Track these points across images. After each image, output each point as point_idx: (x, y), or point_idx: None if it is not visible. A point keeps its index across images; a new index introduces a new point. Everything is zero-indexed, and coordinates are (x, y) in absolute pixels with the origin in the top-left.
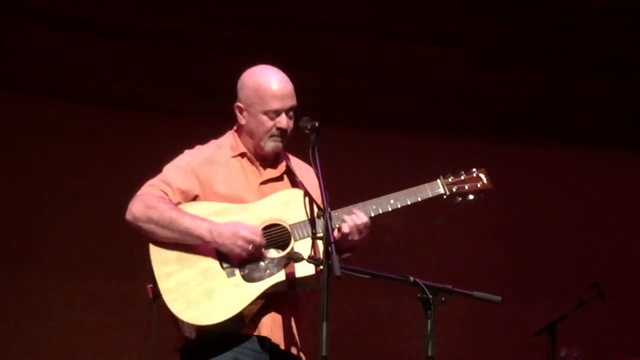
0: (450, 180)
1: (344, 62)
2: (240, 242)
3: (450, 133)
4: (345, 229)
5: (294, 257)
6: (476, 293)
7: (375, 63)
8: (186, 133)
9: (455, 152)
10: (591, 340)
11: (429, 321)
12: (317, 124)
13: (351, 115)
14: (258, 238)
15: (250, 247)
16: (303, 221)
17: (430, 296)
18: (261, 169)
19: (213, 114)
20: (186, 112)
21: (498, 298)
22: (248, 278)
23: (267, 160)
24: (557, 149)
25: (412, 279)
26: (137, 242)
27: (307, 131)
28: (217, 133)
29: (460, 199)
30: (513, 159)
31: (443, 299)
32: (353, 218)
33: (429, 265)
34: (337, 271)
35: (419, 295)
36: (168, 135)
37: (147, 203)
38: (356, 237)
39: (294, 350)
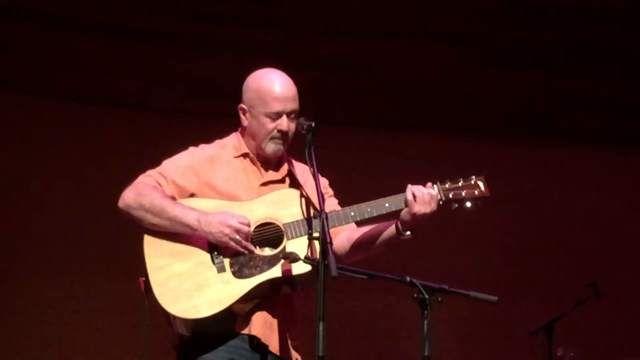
0: (447, 185)
1: (344, 63)
2: (227, 231)
3: (450, 133)
4: (411, 197)
5: (290, 257)
6: (473, 293)
7: (375, 63)
8: (184, 133)
9: (455, 153)
10: (588, 340)
11: (426, 321)
12: (313, 124)
13: (350, 115)
14: (245, 227)
15: (236, 236)
16: (297, 221)
17: (427, 296)
18: (263, 170)
19: (211, 114)
20: (185, 112)
21: (495, 298)
22: (238, 274)
23: (269, 163)
24: (556, 148)
25: (408, 279)
26: (135, 241)
27: (303, 131)
28: (216, 133)
29: (456, 205)
30: (512, 159)
31: (439, 299)
32: (420, 188)
33: (426, 265)
34: (334, 271)
35: (415, 295)
36: (167, 135)
37: (140, 190)
38: (423, 208)
39: (284, 351)
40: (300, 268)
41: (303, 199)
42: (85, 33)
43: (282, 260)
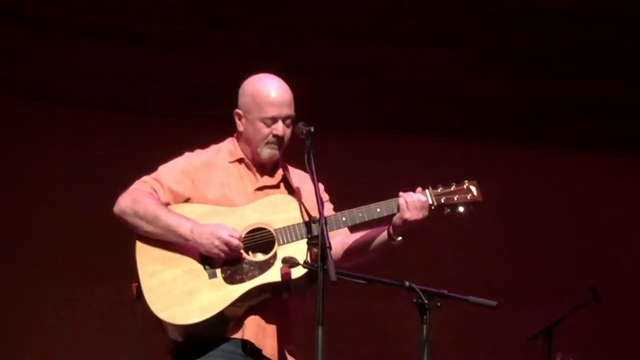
0: (439, 190)
1: (344, 66)
2: (217, 242)
3: (450, 136)
4: (402, 203)
5: (290, 262)
6: (472, 298)
7: (374, 66)
8: (184, 137)
9: (455, 155)
10: (587, 345)
11: (425, 326)
12: (312, 129)
13: (350, 119)
14: (235, 240)
15: (226, 248)
16: (288, 226)
17: (426, 301)
18: (258, 175)
19: (211, 117)
20: (184, 116)
21: (494, 303)
22: (229, 280)
23: (265, 169)
24: (556, 150)
25: (407, 283)
26: (130, 246)
27: (302, 136)
28: (215, 137)
29: (448, 210)
30: (512, 161)
31: (438, 303)
32: (410, 194)
33: (425, 270)
34: (333, 276)
35: (414, 300)
36: (165, 139)
37: (135, 197)
38: (414, 214)
39: (279, 356)
40: (293, 273)
41: (297, 205)
42: (84, 36)
43: (275, 265)
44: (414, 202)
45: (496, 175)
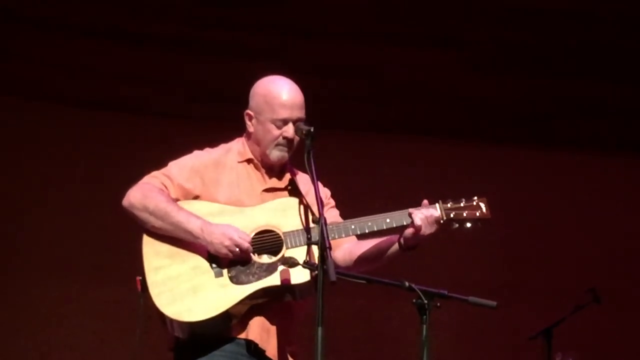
0: (449, 205)
1: (344, 67)
2: (227, 243)
3: (450, 137)
4: (418, 221)
5: (290, 262)
6: (472, 298)
7: (374, 68)
8: (184, 137)
9: (456, 156)
10: (587, 345)
11: (424, 326)
12: (312, 129)
13: (350, 120)
14: (245, 243)
15: (236, 249)
16: (297, 230)
17: (426, 301)
18: (266, 177)
19: (211, 118)
20: (184, 117)
21: (494, 303)
22: (235, 280)
23: (273, 170)
24: (556, 151)
25: (407, 284)
26: (132, 245)
27: (302, 136)
28: (215, 137)
29: (457, 225)
30: (512, 163)
31: (438, 304)
32: (423, 211)
33: (424, 270)
34: (333, 276)
35: (414, 300)
36: (165, 140)
37: (146, 192)
38: (428, 230)
39: (281, 357)
40: (298, 277)
41: (304, 208)
42: (84, 36)
43: (280, 268)
44: (427, 218)
45: (496, 175)
